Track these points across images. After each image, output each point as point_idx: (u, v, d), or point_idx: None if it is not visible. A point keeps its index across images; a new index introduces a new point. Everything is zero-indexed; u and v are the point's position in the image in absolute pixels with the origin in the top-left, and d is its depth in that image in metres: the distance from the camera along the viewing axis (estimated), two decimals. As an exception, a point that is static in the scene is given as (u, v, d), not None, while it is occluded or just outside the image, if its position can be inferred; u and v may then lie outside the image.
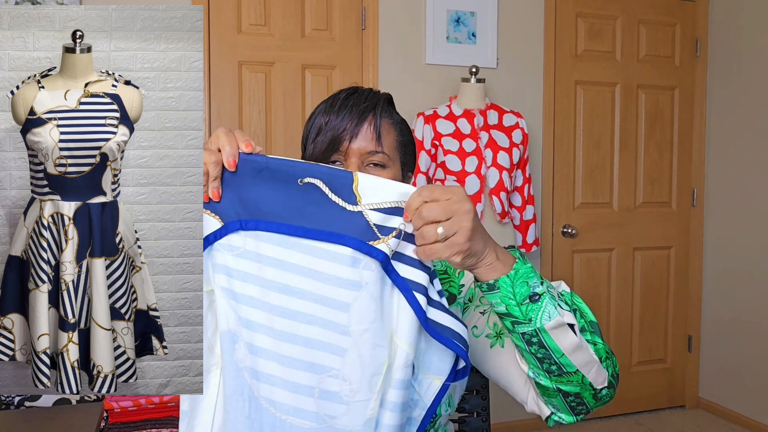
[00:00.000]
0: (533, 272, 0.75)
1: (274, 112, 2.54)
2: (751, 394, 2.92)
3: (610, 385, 0.78)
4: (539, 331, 0.73)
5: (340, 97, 0.93)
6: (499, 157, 2.42)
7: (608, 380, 0.78)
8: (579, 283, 3.00)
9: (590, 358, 0.75)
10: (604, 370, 0.77)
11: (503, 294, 0.73)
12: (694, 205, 3.19)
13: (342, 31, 2.61)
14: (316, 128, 0.92)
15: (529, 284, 0.73)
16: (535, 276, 0.75)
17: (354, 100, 0.92)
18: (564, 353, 0.74)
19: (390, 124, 0.95)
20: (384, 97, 0.96)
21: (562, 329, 0.73)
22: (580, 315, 0.77)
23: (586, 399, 0.78)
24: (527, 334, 0.74)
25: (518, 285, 0.73)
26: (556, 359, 0.74)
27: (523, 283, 0.73)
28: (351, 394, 0.70)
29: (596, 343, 0.77)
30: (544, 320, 0.73)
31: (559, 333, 0.73)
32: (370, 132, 0.91)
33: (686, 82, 3.14)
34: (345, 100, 0.92)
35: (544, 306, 0.73)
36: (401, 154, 0.96)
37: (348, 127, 0.89)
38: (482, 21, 2.75)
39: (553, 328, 0.73)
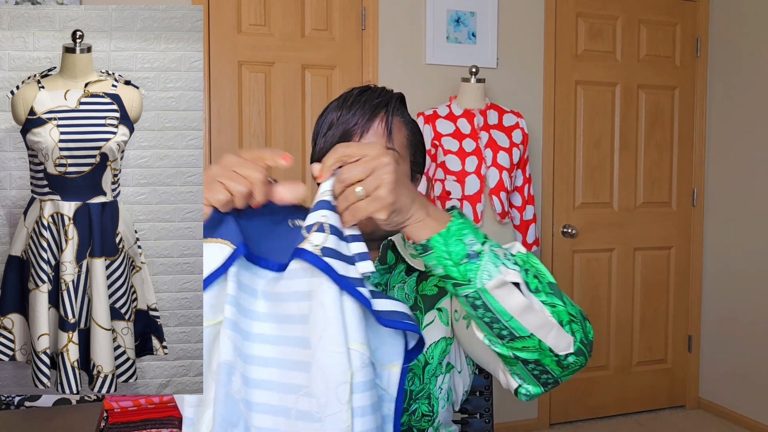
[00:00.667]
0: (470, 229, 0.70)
1: (274, 112, 2.54)
2: (751, 394, 2.91)
3: (578, 351, 0.72)
4: (481, 292, 0.68)
5: (353, 93, 0.93)
6: (499, 157, 2.42)
7: (575, 346, 0.71)
8: (579, 283, 3.01)
9: (545, 320, 0.70)
10: (568, 334, 0.71)
11: (437, 254, 0.69)
12: (694, 205, 3.19)
13: (342, 31, 2.61)
14: (327, 123, 0.92)
15: (464, 242, 0.69)
16: (471, 233, 0.70)
17: (367, 96, 0.92)
18: (512, 315, 0.69)
19: (401, 123, 0.94)
20: (397, 95, 0.95)
21: (505, 288, 0.68)
22: (533, 276, 0.72)
23: (549, 366, 0.73)
24: (470, 297, 0.69)
25: (452, 243, 0.69)
26: (504, 323, 0.69)
27: (457, 241, 0.69)
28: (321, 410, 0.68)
29: (555, 305, 0.71)
30: (485, 280, 0.68)
31: (503, 293, 0.68)
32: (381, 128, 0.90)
33: (686, 82, 3.14)
34: (358, 96, 0.92)
35: (483, 264, 0.68)
36: (411, 153, 0.96)
37: (359, 122, 0.89)
38: (482, 21, 2.75)
39: (496, 287, 0.68)
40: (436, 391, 0.92)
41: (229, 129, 2.51)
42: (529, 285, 0.71)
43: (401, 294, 0.97)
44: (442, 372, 0.93)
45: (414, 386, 0.91)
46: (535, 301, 0.70)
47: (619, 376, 3.09)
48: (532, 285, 0.71)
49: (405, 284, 0.97)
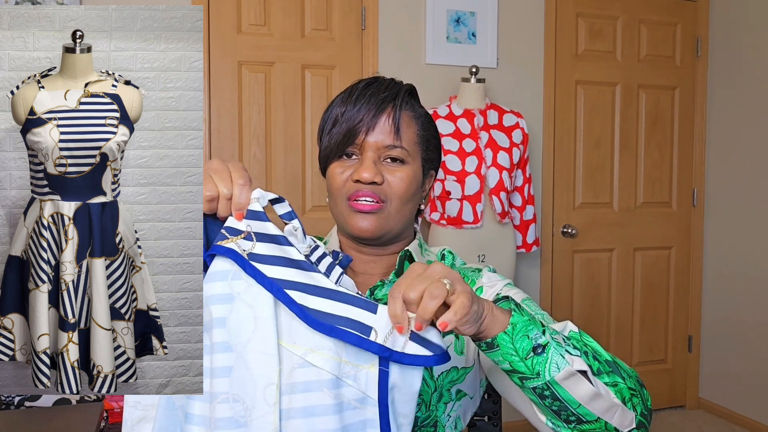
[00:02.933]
0: (532, 322, 0.69)
1: (273, 112, 2.54)
2: (751, 395, 2.91)
3: (639, 425, 0.71)
4: (550, 384, 0.67)
5: (359, 86, 0.87)
6: (499, 157, 2.42)
7: (637, 420, 0.70)
8: (579, 283, 3.00)
9: (611, 403, 0.69)
10: (630, 411, 0.70)
11: (504, 351, 0.67)
12: (694, 205, 3.19)
13: (342, 31, 2.61)
14: (332, 119, 0.87)
15: (530, 337, 0.67)
16: (534, 326, 0.68)
17: (373, 89, 0.86)
18: (581, 403, 0.68)
19: (411, 117, 0.89)
20: (406, 87, 0.90)
21: (574, 378, 0.67)
22: (593, 356, 0.70)
23: None
24: (538, 388, 0.68)
25: (518, 339, 0.67)
26: (573, 410, 0.68)
27: (523, 336, 0.67)
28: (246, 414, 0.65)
29: (616, 384, 0.70)
30: (553, 372, 0.66)
31: (572, 383, 0.67)
32: (389, 124, 0.85)
33: (687, 82, 3.14)
34: (363, 89, 0.87)
35: (550, 357, 0.67)
36: (423, 149, 0.90)
37: (365, 119, 0.84)
38: (482, 21, 2.75)
39: (564, 378, 0.67)
40: (444, 418, 0.87)
41: (229, 129, 2.51)
42: (591, 368, 0.69)
43: None
44: (451, 399, 0.88)
45: (420, 413, 0.86)
46: (601, 385, 0.69)
47: (619, 376, 3.09)
48: (594, 367, 0.70)
49: None
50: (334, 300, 0.67)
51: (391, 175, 0.86)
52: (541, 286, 2.93)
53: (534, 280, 2.92)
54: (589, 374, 0.69)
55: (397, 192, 0.86)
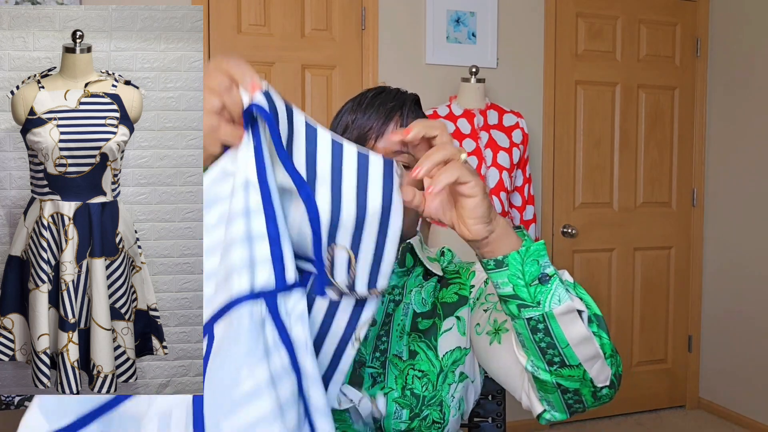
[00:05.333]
0: (544, 251, 0.69)
1: (274, 112, 2.54)
2: (751, 395, 2.91)
3: (611, 384, 0.73)
4: (547, 316, 0.68)
5: (368, 95, 0.92)
6: (499, 157, 2.42)
7: (610, 379, 0.73)
8: (579, 283, 3.00)
9: (595, 352, 0.70)
10: (608, 367, 0.72)
11: (511, 272, 0.67)
12: (694, 205, 3.19)
13: (342, 31, 2.61)
14: (342, 126, 0.91)
15: (540, 263, 0.67)
16: (545, 255, 0.69)
17: (381, 99, 0.91)
18: (569, 343, 0.69)
19: None
20: (412, 97, 0.95)
21: (571, 316, 0.68)
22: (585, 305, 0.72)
23: (585, 397, 0.74)
24: (533, 319, 0.68)
25: (528, 263, 0.67)
26: (560, 349, 0.69)
27: (533, 261, 0.67)
28: None
29: (602, 337, 0.72)
30: (554, 304, 0.67)
31: (568, 320, 0.68)
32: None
33: (686, 82, 3.14)
34: (372, 98, 0.91)
35: (554, 289, 0.67)
36: None
37: (374, 126, 0.88)
38: (482, 21, 2.75)
39: (563, 314, 0.68)
40: (448, 399, 0.91)
41: (229, 129, 2.51)
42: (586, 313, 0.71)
43: (418, 298, 0.96)
44: (455, 381, 0.92)
45: (427, 392, 0.89)
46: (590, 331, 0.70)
47: (619, 376, 3.09)
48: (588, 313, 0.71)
49: (422, 288, 0.97)
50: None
51: None
52: (541, 286, 2.93)
53: (534, 280, 2.91)
54: (584, 316, 0.70)
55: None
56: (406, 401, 0.88)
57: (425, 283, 0.97)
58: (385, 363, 0.90)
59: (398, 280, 0.97)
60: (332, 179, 0.66)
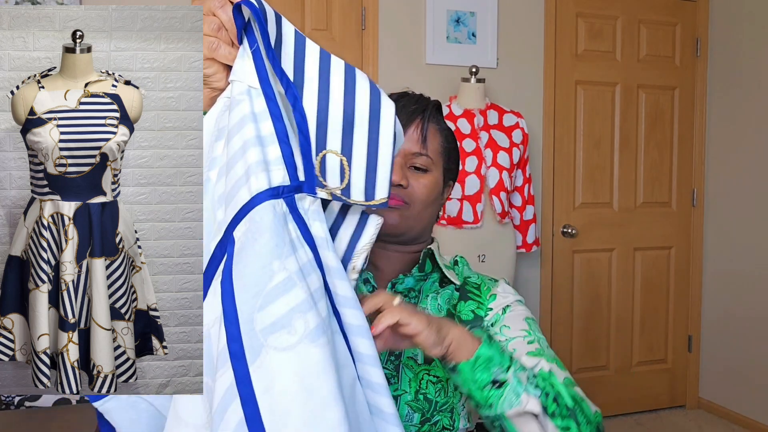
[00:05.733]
0: (499, 357, 0.74)
1: (274, 112, 2.54)
2: (751, 394, 2.91)
3: None
4: (501, 416, 0.74)
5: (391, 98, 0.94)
6: (499, 157, 2.42)
7: None
8: (579, 283, 3.00)
9: None
10: None
11: (464, 378, 0.74)
12: (694, 205, 3.19)
13: (342, 31, 2.61)
14: None
15: (491, 371, 0.73)
16: (500, 362, 0.74)
17: (404, 102, 0.94)
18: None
19: (436, 130, 0.96)
20: (434, 103, 0.97)
21: (524, 417, 0.73)
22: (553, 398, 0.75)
23: None
24: (489, 417, 0.75)
25: (479, 371, 0.73)
26: None
27: (484, 370, 0.73)
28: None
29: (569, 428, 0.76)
30: (505, 408, 0.73)
31: (521, 421, 0.74)
32: (417, 134, 0.93)
33: (686, 82, 3.14)
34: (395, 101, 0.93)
35: (505, 393, 0.73)
36: (445, 160, 0.98)
37: None
38: (482, 21, 2.75)
39: (514, 416, 0.73)
40: (459, 407, 0.92)
41: (229, 129, 2.51)
42: (546, 409, 0.75)
43: (434, 303, 0.96)
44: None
45: (440, 398, 0.91)
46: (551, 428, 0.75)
47: (619, 376, 3.09)
48: (550, 409, 0.75)
49: (438, 294, 0.97)
50: None
51: (416, 181, 0.94)
52: (541, 286, 2.93)
53: (534, 280, 2.92)
54: (540, 416, 0.74)
55: (420, 196, 0.94)
56: (418, 405, 0.88)
57: (441, 290, 0.97)
58: (398, 366, 0.90)
59: (415, 283, 0.97)
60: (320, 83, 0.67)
